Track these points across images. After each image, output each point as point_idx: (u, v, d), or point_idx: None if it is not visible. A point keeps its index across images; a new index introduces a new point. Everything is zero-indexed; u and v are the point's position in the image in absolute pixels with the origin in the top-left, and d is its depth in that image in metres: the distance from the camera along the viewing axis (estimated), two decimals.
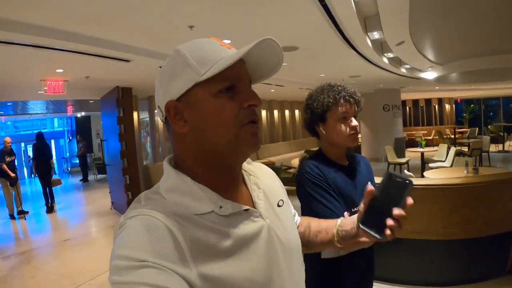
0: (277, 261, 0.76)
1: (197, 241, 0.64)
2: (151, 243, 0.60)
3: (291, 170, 8.35)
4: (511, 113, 20.02)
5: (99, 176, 13.17)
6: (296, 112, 14.79)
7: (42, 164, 8.05)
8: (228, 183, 0.77)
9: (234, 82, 0.71)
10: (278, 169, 6.62)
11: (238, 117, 0.70)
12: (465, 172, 5.22)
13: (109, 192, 8.04)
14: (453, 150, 8.14)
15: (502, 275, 3.43)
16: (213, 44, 0.73)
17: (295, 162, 8.88)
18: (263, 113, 12.59)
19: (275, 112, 13.38)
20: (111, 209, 7.70)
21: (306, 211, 1.53)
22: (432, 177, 5.19)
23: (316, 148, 1.66)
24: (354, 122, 1.52)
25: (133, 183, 6.77)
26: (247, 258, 0.69)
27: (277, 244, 0.77)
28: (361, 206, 1.48)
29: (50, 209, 7.94)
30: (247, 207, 0.75)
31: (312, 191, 1.46)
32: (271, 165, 7.80)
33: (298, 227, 1.05)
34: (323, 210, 1.41)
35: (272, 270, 0.73)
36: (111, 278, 0.58)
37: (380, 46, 5.80)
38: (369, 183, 1.56)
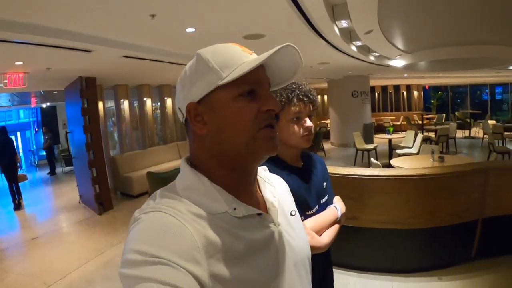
0: (287, 268, 0.77)
1: (212, 241, 0.65)
2: (167, 240, 0.60)
3: None
4: (478, 100, 20.70)
5: (67, 168, 12.77)
6: None
7: (5, 160, 7.69)
8: (243, 186, 0.78)
9: (255, 86, 0.73)
10: None
11: (256, 120, 0.72)
12: (431, 160, 5.33)
13: (77, 186, 7.80)
14: (420, 137, 8.34)
15: (467, 261, 3.55)
16: (234, 49, 0.75)
17: None
18: None
19: None
20: (79, 203, 7.51)
21: None
22: (398, 165, 5.29)
23: None
24: (308, 123, 1.44)
25: (100, 175, 6.62)
26: (257, 263, 0.70)
27: (288, 251, 0.79)
28: (315, 209, 1.44)
29: (17, 206, 7.64)
30: (260, 211, 0.76)
31: None
32: None
33: None
34: None
35: (282, 276, 0.75)
36: (123, 271, 0.58)
37: (349, 35, 5.81)
38: (324, 184, 1.52)
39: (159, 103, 10.14)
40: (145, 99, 9.26)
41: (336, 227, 1.45)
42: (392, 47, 6.81)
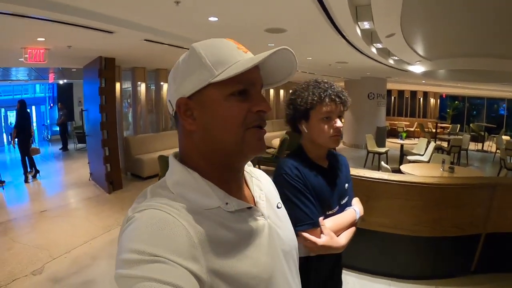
0: (278, 258, 0.79)
1: (207, 236, 0.65)
2: (164, 238, 0.60)
3: (270, 150, 8.37)
4: (494, 114, 20.40)
5: (79, 145, 12.96)
6: (281, 92, 14.80)
7: (22, 133, 7.84)
8: (231, 182, 0.79)
9: (247, 86, 0.72)
10: None
11: (245, 121, 0.71)
12: (441, 169, 5.31)
13: (88, 163, 7.93)
14: (432, 145, 8.27)
15: (466, 274, 3.54)
16: (229, 46, 0.74)
17: (276, 142, 8.91)
18: None
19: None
20: (89, 180, 7.63)
21: None
22: (408, 171, 5.27)
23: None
24: (339, 123, 1.45)
25: (112, 155, 6.73)
26: (251, 255, 0.72)
27: (277, 242, 0.81)
28: (336, 209, 1.49)
29: (32, 177, 7.89)
30: (250, 205, 0.78)
31: (290, 193, 1.41)
32: None
33: None
34: (299, 214, 1.38)
35: (274, 267, 0.76)
36: (119, 271, 0.57)
37: (370, 36, 5.77)
38: (346, 185, 1.57)
39: None
40: (162, 83, 9.29)
41: (353, 229, 1.50)
42: (413, 53, 6.75)
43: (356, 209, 1.54)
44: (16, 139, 7.76)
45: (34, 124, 15.97)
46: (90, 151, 7.95)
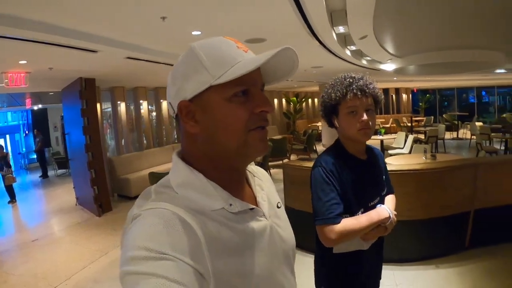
0: (278, 258, 0.80)
1: (213, 236, 0.66)
2: (171, 237, 0.60)
3: (258, 159, 8.46)
4: (464, 103, 21.17)
5: (60, 171, 12.74)
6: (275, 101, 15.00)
7: None
8: (234, 182, 0.79)
9: (249, 86, 0.71)
10: None
11: (248, 123, 0.70)
12: (424, 158, 5.52)
13: (73, 188, 7.79)
14: (411, 137, 8.55)
15: (461, 250, 3.80)
16: (229, 46, 0.72)
17: None
18: None
19: None
20: (76, 205, 7.49)
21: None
22: (394, 163, 5.44)
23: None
24: (364, 117, 1.46)
25: (99, 177, 6.64)
26: (254, 256, 0.72)
27: (278, 242, 0.81)
28: (377, 200, 1.55)
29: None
30: (253, 206, 0.77)
31: (318, 186, 1.46)
32: None
33: None
34: (318, 207, 1.43)
35: (273, 266, 0.77)
36: (125, 268, 0.57)
37: (344, 40, 5.95)
38: (383, 176, 1.65)
39: (154, 106, 10.16)
40: (141, 101, 9.29)
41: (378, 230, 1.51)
42: (384, 52, 6.99)
43: (387, 207, 1.54)
44: None
45: (10, 153, 15.66)
46: (75, 175, 7.84)
